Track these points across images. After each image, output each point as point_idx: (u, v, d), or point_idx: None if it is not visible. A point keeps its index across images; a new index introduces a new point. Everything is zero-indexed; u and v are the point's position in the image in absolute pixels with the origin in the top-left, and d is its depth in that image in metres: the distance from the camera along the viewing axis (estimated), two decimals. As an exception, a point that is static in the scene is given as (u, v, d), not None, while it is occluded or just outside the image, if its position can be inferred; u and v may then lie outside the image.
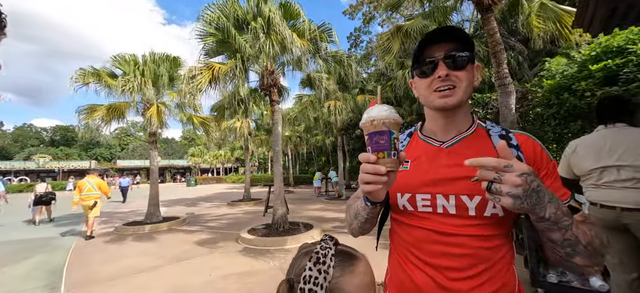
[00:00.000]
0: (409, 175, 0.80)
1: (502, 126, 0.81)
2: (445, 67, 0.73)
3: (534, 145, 0.76)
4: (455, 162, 0.75)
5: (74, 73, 7.27)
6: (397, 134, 0.63)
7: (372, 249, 1.00)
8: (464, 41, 0.74)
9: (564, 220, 0.59)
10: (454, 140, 0.80)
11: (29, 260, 5.10)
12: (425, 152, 0.82)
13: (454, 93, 0.74)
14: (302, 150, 28.94)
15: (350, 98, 12.47)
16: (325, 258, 0.59)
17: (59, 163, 39.73)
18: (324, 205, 11.44)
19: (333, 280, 0.57)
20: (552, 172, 0.74)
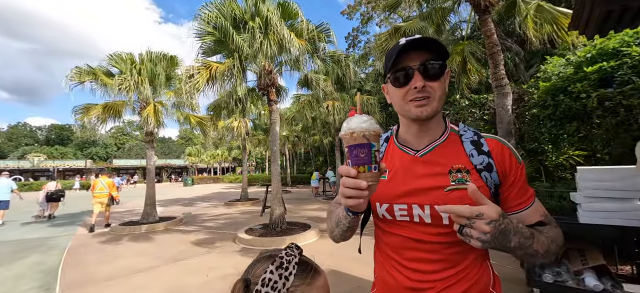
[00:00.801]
0: (387, 185, 0.81)
1: (474, 130, 0.83)
2: (421, 77, 0.74)
3: (503, 150, 0.78)
4: (430, 172, 0.78)
5: (70, 71, 7.20)
6: (378, 146, 0.61)
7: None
8: (438, 51, 0.75)
9: (526, 242, 0.66)
10: (428, 149, 0.81)
11: (24, 261, 5.05)
12: (402, 162, 0.83)
13: (429, 103, 0.75)
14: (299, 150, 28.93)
15: (348, 98, 12.49)
16: (289, 265, 0.57)
17: (54, 163, 39.32)
18: (321, 205, 11.44)
19: (291, 287, 0.56)
20: (520, 176, 0.77)
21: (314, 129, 21.91)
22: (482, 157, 0.76)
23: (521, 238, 0.65)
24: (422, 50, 0.75)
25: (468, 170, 0.75)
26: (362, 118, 0.60)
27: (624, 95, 3.48)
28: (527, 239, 0.66)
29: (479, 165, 0.76)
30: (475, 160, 0.76)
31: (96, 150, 56.67)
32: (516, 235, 0.64)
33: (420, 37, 0.75)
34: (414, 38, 0.75)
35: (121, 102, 7.87)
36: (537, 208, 0.77)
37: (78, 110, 7.52)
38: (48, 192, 9.63)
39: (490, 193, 0.75)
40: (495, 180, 0.76)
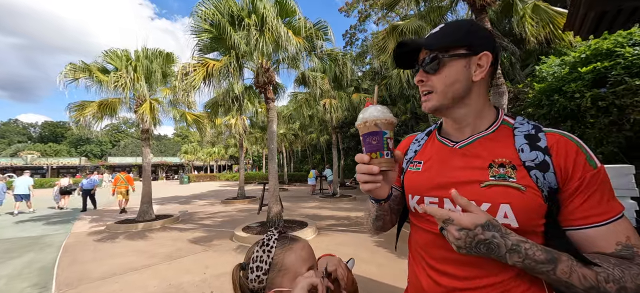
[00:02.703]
0: (419, 176, 0.79)
1: (535, 123, 0.70)
2: (421, 72, 0.74)
3: (567, 147, 0.63)
4: (467, 165, 0.71)
5: (64, 68, 7.11)
6: (391, 134, 0.66)
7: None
8: (440, 40, 0.70)
9: (538, 267, 0.56)
10: (469, 140, 0.74)
11: (20, 259, 5.01)
12: (438, 153, 0.79)
13: (429, 98, 0.73)
14: (297, 147, 28.90)
15: (346, 96, 12.50)
16: (269, 242, 0.73)
17: (47, 160, 38.87)
18: (319, 203, 11.47)
19: (275, 256, 0.71)
20: (590, 184, 0.60)
21: (311, 127, 21.90)
22: (535, 152, 0.64)
23: (526, 260, 0.56)
24: (426, 44, 0.73)
25: (514, 165, 0.64)
26: (376, 108, 0.66)
27: (617, 95, 3.53)
28: (542, 264, 0.55)
29: (529, 162, 0.64)
30: (525, 156, 0.64)
31: (91, 148, 56.09)
32: (513, 253, 0.56)
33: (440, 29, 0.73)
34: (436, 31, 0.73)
35: (117, 99, 7.79)
36: (619, 232, 0.58)
37: (73, 107, 7.44)
38: (61, 186, 11.98)
39: (542, 197, 0.61)
40: (550, 182, 0.62)
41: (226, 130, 14.91)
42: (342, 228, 6.67)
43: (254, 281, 0.69)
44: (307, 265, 0.72)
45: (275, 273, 0.69)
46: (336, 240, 5.65)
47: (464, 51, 0.68)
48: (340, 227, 6.89)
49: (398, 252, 4.56)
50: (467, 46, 0.69)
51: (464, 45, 0.69)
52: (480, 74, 0.70)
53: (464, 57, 0.69)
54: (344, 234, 6.15)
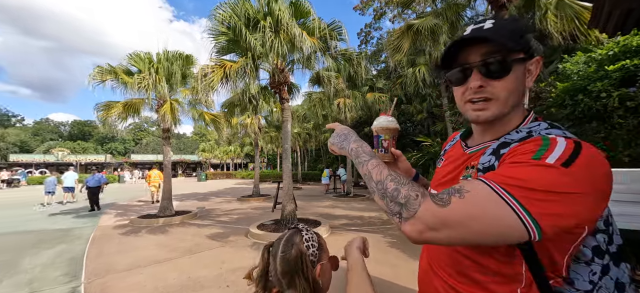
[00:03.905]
0: (436, 172, 0.88)
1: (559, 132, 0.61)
2: (479, 76, 0.64)
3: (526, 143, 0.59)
4: (458, 168, 0.74)
5: (93, 71, 7.55)
6: (386, 137, 0.86)
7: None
8: (507, 39, 0.62)
9: (362, 156, 0.71)
10: (479, 147, 0.72)
11: (52, 249, 5.38)
12: (455, 153, 0.81)
13: (488, 107, 0.65)
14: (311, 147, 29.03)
15: (360, 95, 12.44)
16: (309, 230, 0.93)
17: (76, 157, 41.18)
18: (332, 202, 11.51)
19: (319, 240, 0.94)
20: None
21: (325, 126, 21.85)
22: (490, 156, 0.64)
23: (358, 148, 0.74)
24: (485, 42, 0.64)
25: (477, 168, 0.66)
26: (378, 119, 0.89)
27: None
28: (364, 155, 0.71)
29: (481, 165, 0.65)
30: (483, 159, 0.66)
31: (115, 146, 58.83)
32: (355, 142, 0.77)
33: (479, 28, 0.65)
34: (475, 30, 0.65)
35: (140, 99, 8.17)
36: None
37: (100, 107, 7.88)
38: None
39: None
40: None
41: (242, 129, 15.23)
42: (355, 228, 6.68)
43: (312, 255, 0.88)
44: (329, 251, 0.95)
45: (322, 252, 0.91)
46: (348, 240, 5.67)
47: (523, 55, 0.63)
48: (353, 226, 6.90)
49: (411, 253, 4.54)
50: (526, 49, 0.64)
51: (523, 49, 0.63)
52: (531, 80, 0.67)
53: (523, 62, 0.64)
54: (357, 234, 6.15)
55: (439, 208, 0.51)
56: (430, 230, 0.51)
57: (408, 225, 0.53)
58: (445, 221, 0.50)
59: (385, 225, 6.92)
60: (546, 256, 0.57)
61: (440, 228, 0.51)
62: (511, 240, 0.49)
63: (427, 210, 0.52)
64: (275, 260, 0.85)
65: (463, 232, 0.50)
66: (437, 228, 0.51)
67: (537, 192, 0.48)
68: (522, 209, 0.47)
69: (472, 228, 0.49)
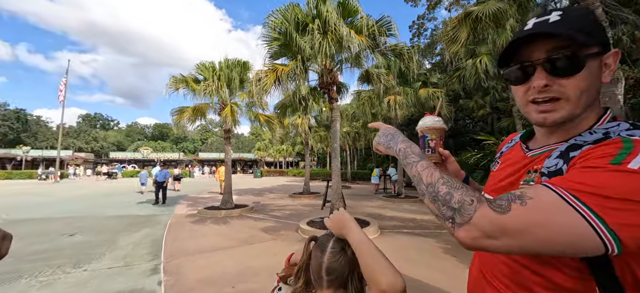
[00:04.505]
0: (491, 176, 0.82)
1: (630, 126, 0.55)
2: (544, 74, 0.58)
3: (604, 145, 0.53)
4: (518, 171, 0.68)
5: (169, 81, 8.76)
6: (433, 136, 0.85)
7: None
8: (578, 32, 0.55)
9: (411, 156, 0.68)
10: (541, 150, 0.66)
11: (139, 232, 6.43)
12: (513, 157, 0.74)
13: (556, 108, 0.59)
14: (360, 145, 28.72)
15: (412, 92, 11.85)
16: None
17: (157, 154, 48.13)
18: (382, 203, 11.24)
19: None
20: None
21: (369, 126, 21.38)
22: (558, 159, 0.58)
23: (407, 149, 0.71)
24: (551, 37, 0.57)
25: (541, 172, 0.60)
26: (423, 119, 0.88)
27: None
28: (413, 155, 0.69)
29: (546, 169, 0.59)
30: (549, 162, 0.60)
31: (186, 145, 66.99)
32: (404, 142, 0.74)
33: (544, 20, 0.59)
34: (538, 23, 0.59)
35: (205, 104, 9.19)
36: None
37: (175, 112, 9.10)
38: (174, 174, 16.11)
39: None
40: None
41: (293, 129, 15.89)
42: (406, 231, 6.42)
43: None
44: None
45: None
46: (399, 242, 5.49)
47: (597, 49, 0.57)
48: (404, 228, 6.64)
49: (468, 260, 4.17)
50: (602, 42, 0.58)
51: (599, 42, 0.57)
52: (609, 75, 0.59)
53: (597, 56, 0.57)
54: (409, 237, 5.91)
55: (497, 214, 0.48)
56: (487, 238, 0.49)
57: (462, 231, 0.51)
58: (504, 228, 0.47)
59: (440, 229, 6.49)
60: (628, 272, 0.50)
61: (498, 236, 0.48)
62: (583, 252, 0.44)
63: (484, 216, 0.49)
64: (323, 255, 0.80)
65: (524, 240, 0.46)
66: (494, 235, 0.48)
67: (614, 200, 0.43)
68: (597, 219, 0.42)
69: (535, 236, 0.45)
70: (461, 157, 10.94)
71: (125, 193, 14.61)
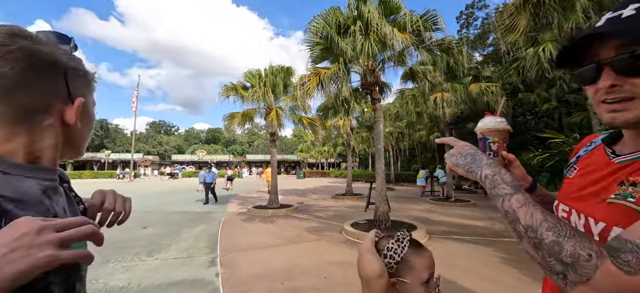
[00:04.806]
0: (566, 183, 0.74)
1: None
2: (612, 74, 0.54)
3: None
4: (604, 178, 0.61)
5: (220, 89, 9.55)
6: (495, 139, 0.79)
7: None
8: None
9: (501, 187, 0.59)
10: (633, 157, 0.58)
11: (198, 227, 7.11)
12: (595, 163, 0.68)
13: (628, 107, 0.54)
14: (404, 146, 27.68)
15: (461, 88, 11.05)
16: (404, 240, 0.84)
17: (211, 157, 52.54)
18: (429, 206, 10.68)
19: (406, 254, 0.83)
20: None
21: (420, 124, 20.47)
22: None
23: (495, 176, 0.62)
24: (618, 35, 0.53)
25: (637, 183, 0.53)
26: (483, 120, 0.83)
27: None
28: (504, 184, 0.59)
29: None
30: None
31: (235, 147, 71.83)
32: (489, 166, 0.65)
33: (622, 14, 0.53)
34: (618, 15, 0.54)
35: (253, 109, 9.80)
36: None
37: (226, 117, 9.88)
38: (227, 175, 18.31)
39: None
40: None
41: (335, 130, 15.99)
42: (456, 237, 6.02)
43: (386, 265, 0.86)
44: (428, 271, 0.82)
45: (402, 266, 0.83)
46: (449, 249, 5.18)
47: None
48: (454, 234, 6.23)
49: (530, 272, 3.75)
50: None
51: None
52: None
53: None
54: (459, 243, 5.53)
55: (625, 276, 0.40)
56: None
57: (578, 292, 0.45)
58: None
59: (498, 236, 5.95)
60: None
61: None
62: None
63: (608, 275, 0.42)
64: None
65: None
66: None
67: None
68: None
69: None
70: (522, 158, 9.84)
71: (185, 192, 16.26)
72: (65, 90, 0.54)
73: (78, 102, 0.55)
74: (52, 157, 0.55)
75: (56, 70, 0.53)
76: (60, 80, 0.53)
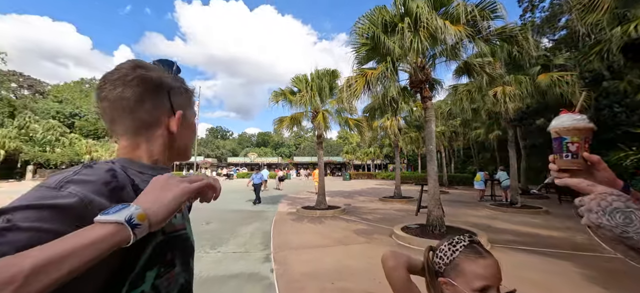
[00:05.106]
0: None
1: None
2: None
3: None
4: None
5: (270, 95, 10.10)
6: (574, 139, 0.71)
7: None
8: None
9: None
10: None
11: (252, 225, 7.61)
12: None
13: None
14: (458, 146, 25.67)
15: (527, 80, 9.84)
16: (457, 244, 0.84)
17: (261, 159, 55.78)
18: (490, 212, 9.73)
19: (456, 258, 0.82)
20: None
21: (476, 122, 18.77)
22: None
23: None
24: None
25: None
26: (559, 118, 0.74)
27: None
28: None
29: None
30: None
31: (283, 150, 74.98)
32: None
33: None
34: None
35: (300, 113, 10.14)
36: None
37: (276, 121, 10.42)
38: (279, 175, 20.57)
39: None
40: None
41: (381, 131, 15.61)
42: (524, 247, 5.37)
43: (435, 265, 0.88)
44: (482, 282, 0.77)
45: (450, 268, 0.83)
46: (516, 260, 4.65)
47: None
48: (522, 244, 5.57)
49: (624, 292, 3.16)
50: None
51: None
52: None
53: None
54: (529, 254, 4.93)
55: None
56: None
57: None
58: None
59: (578, 250, 5.15)
60: None
61: None
62: None
63: None
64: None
65: None
66: None
67: None
68: None
69: None
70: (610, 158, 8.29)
71: (239, 191, 17.52)
72: (168, 105, 0.67)
73: (178, 115, 0.68)
74: (165, 159, 0.69)
75: (162, 90, 0.66)
76: (165, 97, 0.67)
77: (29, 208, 0.41)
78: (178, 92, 0.70)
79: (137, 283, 0.53)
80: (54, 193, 0.45)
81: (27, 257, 0.35)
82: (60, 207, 0.43)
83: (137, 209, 0.46)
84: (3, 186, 22.68)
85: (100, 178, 0.52)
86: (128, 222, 0.44)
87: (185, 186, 0.54)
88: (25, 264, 0.34)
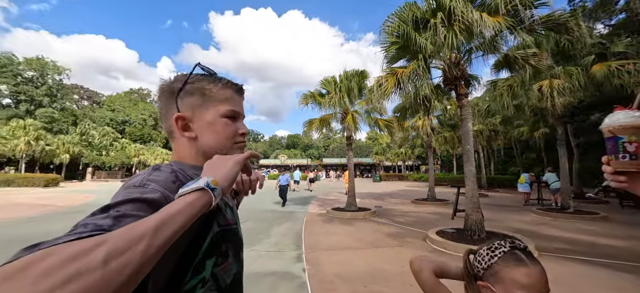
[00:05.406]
0: None
1: None
2: None
3: None
4: None
5: (300, 98, 10.29)
6: (632, 138, 0.66)
7: None
8: None
9: None
10: None
11: (283, 225, 7.79)
12: None
13: None
14: (498, 146, 23.96)
15: (578, 72, 8.89)
16: (497, 250, 0.81)
17: (291, 161, 56.89)
18: (537, 218, 8.95)
19: (494, 264, 0.79)
20: None
21: (519, 119, 17.41)
22: None
23: None
24: None
25: None
26: (615, 115, 0.69)
27: None
28: None
29: None
30: None
31: (312, 151, 75.75)
32: None
33: None
34: None
35: (330, 114, 10.19)
36: None
37: (305, 124, 10.57)
38: (309, 177, 21.18)
39: None
40: None
41: (413, 132, 15.11)
42: (580, 257, 4.85)
43: (474, 268, 0.86)
44: (523, 292, 0.73)
45: (489, 274, 0.80)
46: (570, 270, 4.22)
47: None
48: (576, 254, 5.04)
49: None
50: None
51: None
52: None
53: None
54: (586, 265, 4.45)
55: None
56: None
57: None
58: None
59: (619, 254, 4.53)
60: None
61: None
62: None
63: None
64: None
65: None
66: None
67: None
68: None
69: None
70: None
71: (270, 192, 18.03)
72: (175, 109, 0.71)
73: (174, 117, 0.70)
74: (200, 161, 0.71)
75: (172, 96, 0.71)
76: (174, 102, 0.71)
77: (129, 202, 0.50)
78: (187, 92, 0.70)
79: (198, 269, 0.61)
80: (142, 190, 0.55)
81: (149, 219, 0.44)
82: (149, 200, 0.53)
83: (209, 178, 0.55)
84: (67, 186, 25.81)
85: (168, 178, 0.62)
86: (207, 186, 0.53)
87: (237, 156, 0.64)
88: (150, 223, 0.44)
